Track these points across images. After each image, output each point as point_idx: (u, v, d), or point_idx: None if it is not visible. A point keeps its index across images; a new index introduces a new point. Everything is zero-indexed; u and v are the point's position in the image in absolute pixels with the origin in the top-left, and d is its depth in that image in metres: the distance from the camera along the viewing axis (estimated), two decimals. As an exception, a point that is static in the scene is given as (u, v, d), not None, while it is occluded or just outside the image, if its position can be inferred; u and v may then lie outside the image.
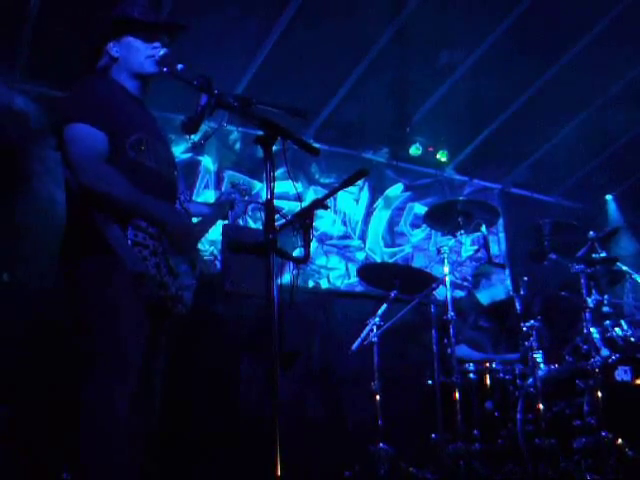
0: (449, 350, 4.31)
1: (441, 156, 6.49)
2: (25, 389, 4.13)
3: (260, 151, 2.45)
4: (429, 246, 6.63)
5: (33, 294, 4.36)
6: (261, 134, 2.42)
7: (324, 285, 6.02)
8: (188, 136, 3.12)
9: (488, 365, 4.58)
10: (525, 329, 4.40)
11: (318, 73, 5.33)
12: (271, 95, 4.44)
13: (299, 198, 3.02)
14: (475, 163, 6.68)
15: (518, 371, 4.53)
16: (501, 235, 7.00)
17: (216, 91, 2.54)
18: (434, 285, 4.60)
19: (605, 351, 4.31)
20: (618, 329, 4.41)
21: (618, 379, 4.04)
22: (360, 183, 6.36)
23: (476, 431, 4.21)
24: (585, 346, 4.32)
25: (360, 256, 6.30)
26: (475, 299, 5.33)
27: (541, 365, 4.46)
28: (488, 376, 4.55)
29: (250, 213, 5.26)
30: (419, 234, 6.65)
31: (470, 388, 4.48)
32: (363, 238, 6.37)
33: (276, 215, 2.41)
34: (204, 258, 4.67)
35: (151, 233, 2.54)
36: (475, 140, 6.42)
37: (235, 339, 5.09)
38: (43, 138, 4.65)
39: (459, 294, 5.83)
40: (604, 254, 4.55)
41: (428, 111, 5.96)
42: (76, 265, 2.55)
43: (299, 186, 5.99)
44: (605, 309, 4.47)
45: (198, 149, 5.56)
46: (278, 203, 2.55)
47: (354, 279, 6.08)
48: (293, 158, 5.11)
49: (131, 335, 2.49)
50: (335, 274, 6.12)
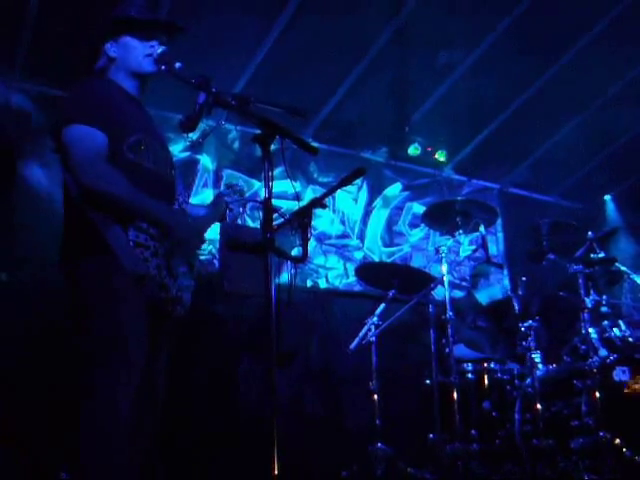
0: (447, 350, 4.31)
1: (440, 156, 6.48)
2: (24, 389, 4.12)
3: (259, 150, 2.44)
4: (427, 246, 6.63)
5: (33, 294, 4.35)
6: (259, 133, 2.41)
7: (322, 284, 6.01)
8: (186, 135, 3.10)
9: (486, 365, 4.59)
10: (523, 329, 4.40)
11: (317, 72, 5.33)
12: (270, 94, 4.44)
13: (297, 197, 3.02)
14: (474, 163, 6.67)
15: (516, 371, 4.53)
16: (500, 235, 6.99)
17: (214, 89, 2.54)
18: (432, 285, 4.60)
19: (603, 351, 4.31)
20: (616, 329, 4.41)
21: (616, 379, 4.04)
22: (359, 182, 6.35)
23: (474, 431, 4.22)
24: (583, 346, 4.32)
25: (358, 255, 6.29)
26: (474, 299, 5.33)
27: (539, 365, 4.46)
28: (486, 376, 4.55)
29: (248, 212, 5.25)
30: (417, 234, 6.64)
31: (468, 388, 4.48)
32: (361, 237, 6.37)
33: (274, 214, 2.41)
34: (202, 258, 4.66)
35: (152, 234, 2.52)
36: (474, 140, 6.41)
37: (234, 339, 5.09)
38: (42, 137, 4.64)
39: (457, 294, 5.83)
40: (602, 254, 4.55)
41: (427, 111, 5.96)
42: (76, 265, 2.54)
43: (297, 185, 5.98)
44: (603, 309, 4.47)
45: (196, 148, 5.55)
46: (276, 202, 2.54)
47: (352, 278, 6.07)
48: (292, 157, 5.10)
49: (132, 335, 2.48)
50: (333, 273, 6.12)
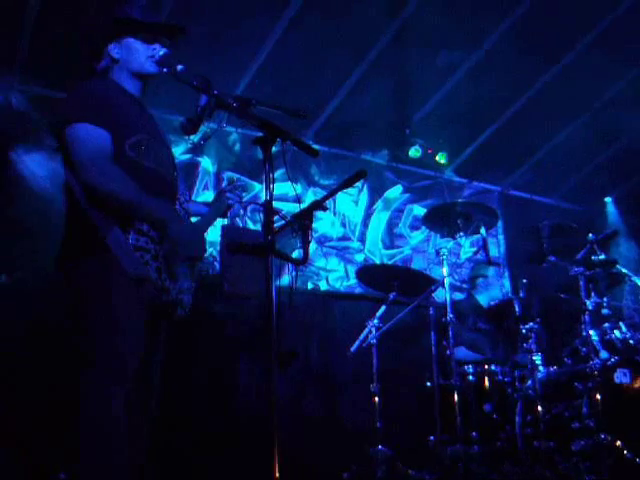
0: (448, 352, 4.31)
1: (440, 158, 6.48)
2: (24, 389, 4.12)
3: (260, 152, 2.44)
4: (428, 248, 6.63)
5: (32, 294, 4.35)
6: (260, 135, 2.41)
7: (323, 287, 6.01)
8: (187, 137, 3.11)
9: (487, 367, 4.58)
10: (524, 331, 4.40)
11: (318, 74, 5.33)
12: (271, 96, 4.45)
13: (298, 200, 3.01)
14: (475, 165, 6.67)
15: (517, 373, 4.53)
16: (500, 237, 6.99)
17: (215, 92, 2.54)
18: (433, 287, 4.60)
19: (604, 353, 4.31)
20: (617, 331, 4.41)
21: (617, 381, 4.04)
22: (359, 185, 6.35)
23: (475, 433, 4.21)
24: (584, 348, 4.33)
25: (359, 258, 6.30)
26: (474, 301, 5.33)
27: (540, 367, 4.45)
28: (487, 378, 4.55)
29: (249, 214, 5.25)
30: (418, 236, 6.64)
31: (469, 390, 4.47)
32: (362, 240, 6.37)
33: (275, 216, 2.41)
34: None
35: (152, 237, 2.52)
36: (475, 142, 6.41)
37: (234, 340, 5.08)
38: (42, 138, 4.64)
39: (458, 296, 5.82)
40: (603, 256, 4.55)
41: (428, 113, 5.96)
42: (76, 265, 2.54)
43: (298, 188, 5.98)
44: (604, 311, 4.47)
45: (197, 150, 5.55)
46: (277, 204, 2.54)
47: (353, 281, 6.07)
48: (293, 159, 5.11)
49: (130, 335, 2.48)
50: (334, 276, 6.12)
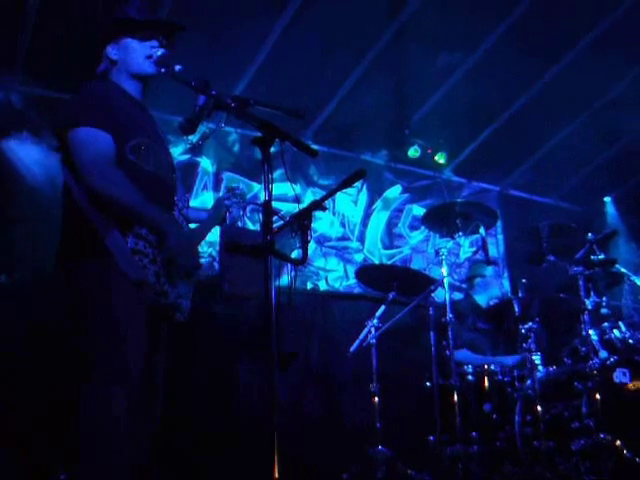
0: (447, 352, 4.31)
1: (440, 158, 6.47)
2: (24, 389, 4.12)
3: (259, 152, 2.44)
4: (427, 248, 6.63)
5: (32, 294, 4.35)
6: (259, 135, 2.41)
7: (322, 287, 6.01)
8: (186, 137, 3.10)
9: (487, 367, 4.58)
10: (523, 331, 4.40)
11: (317, 74, 5.32)
12: (270, 96, 4.44)
13: (297, 200, 3.02)
14: (474, 165, 6.66)
15: (516, 373, 4.53)
16: (500, 237, 6.99)
17: (214, 92, 2.54)
18: (432, 287, 4.60)
19: (603, 353, 4.32)
20: (616, 331, 4.41)
21: (616, 381, 4.04)
22: (359, 185, 6.35)
23: (474, 433, 4.21)
24: (583, 348, 4.33)
25: (358, 258, 6.29)
26: (473, 301, 5.32)
27: (539, 367, 4.46)
28: (486, 378, 4.55)
29: (249, 215, 5.25)
30: (417, 236, 6.64)
31: (468, 390, 4.47)
32: (361, 240, 6.36)
33: (274, 217, 2.41)
34: (202, 261, 4.66)
35: (151, 241, 2.53)
36: (474, 142, 6.41)
37: (234, 340, 5.08)
38: (41, 139, 4.64)
39: (457, 296, 5.82)
40: (602, 256, 4.55)
41: (427, 113, 5.96)
42: (76, 266, 2.55)
43: (297, 188, 5.98)
44: (603, 311, 4.48)
45: (196, 150, 5.55)
46: (276, 205, 2.54)
47: (352, 281, 6.06)
48: (292, 160, 5.11)
49: (131, 335, 2.48)
50: (333, 276, 6.11)
